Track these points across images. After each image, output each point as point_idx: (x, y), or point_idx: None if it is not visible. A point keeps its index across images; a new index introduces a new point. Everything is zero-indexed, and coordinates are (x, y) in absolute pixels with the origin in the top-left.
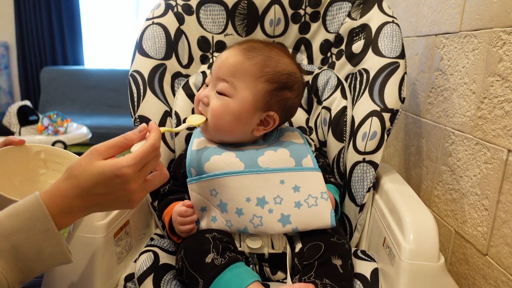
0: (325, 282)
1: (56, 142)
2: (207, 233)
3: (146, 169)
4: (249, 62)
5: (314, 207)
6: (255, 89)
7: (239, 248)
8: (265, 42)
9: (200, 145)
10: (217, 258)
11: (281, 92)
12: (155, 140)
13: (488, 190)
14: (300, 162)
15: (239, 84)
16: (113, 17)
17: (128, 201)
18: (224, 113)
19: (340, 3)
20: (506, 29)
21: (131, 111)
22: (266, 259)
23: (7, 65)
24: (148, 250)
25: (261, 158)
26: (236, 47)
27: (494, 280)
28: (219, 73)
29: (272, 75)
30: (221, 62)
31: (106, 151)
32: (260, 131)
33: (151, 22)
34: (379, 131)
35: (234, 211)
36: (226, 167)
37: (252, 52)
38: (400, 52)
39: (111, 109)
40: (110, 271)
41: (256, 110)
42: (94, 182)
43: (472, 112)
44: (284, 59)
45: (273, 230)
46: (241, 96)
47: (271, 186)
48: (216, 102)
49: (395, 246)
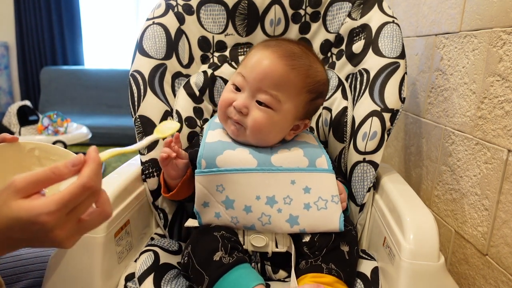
0: (331, 267)
1: (56, 142)
2: (215, 231)
3: (78, 212)
4: (293, 73)
5: (324, 210)
6: (298, 101)
7: (243, 245)
8: (302, 46)
9: (215, 138)
10: (225, 257)
11: (317, 100)
12: (87, 179)
13: (488, 190)
14: (314, 163)
15: (283, 97)
16: (113, 17)
17: (58, 245)
18: (268, 124)
19: (340, 3)
20: (506, 29)
21: (132, 111)
22: (268, 257)
23: (7, 65)
24: (149, 250)
25: (275, 156)
26: (276, 53)
27: (494, 280)
28: (262, 84)
29: (313, 85)
30: (264, 73)
31: (25, 187)
32: (291, 136)
33: (152, 22)
34: (379, 131)
35: (242, 208)
36: (239, 163)
37: (295, 61)
38: (400, 52)
39: (111, 109)
40: (111, 270)
41: (296, 119)
42: (9, 226)
43: (472, 112)
44: (320, 66)
45: (281, 230)
46: (285, 109)
47: (281, 186)
48: (258, 114)
49: (395, 246)
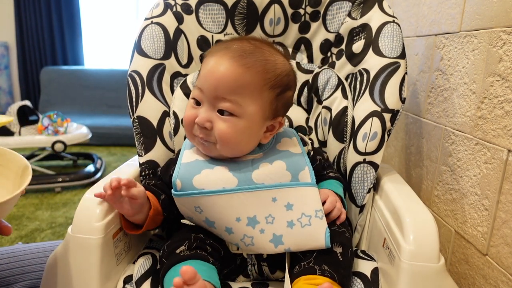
0: (324, 268)
1: (56, 142)
2: (194, 232)
3: None
4: (248, 73)
5: (308, 227)
6: (261, 101)
7: (237, 250)
8: (253, 41)
9: (192, 158)
10: (185, 252)
11: (284, 94)
12: None
13: (488, 190)
14: (297, 176)
15: (244, 101)
16: (113, 17)
17: None
18: (235, 134)
19: (340, 3)
20: (506, 29)
21: (130, 112)
22: (264, 258)
23: (7, 65)
24: (147, 253)
25: (256, 172)
26: (226, 55)
27: (494, 280)
28: (218, 92)
29: (275, 80)
30: (217, 79)
31: None
32: (268, 138)
33: (150, 21)
34: (380, 132)
35: (223, 229)
36: (219, 182)
37: (247, 59)
38: (400, 52)
39: (111, 109)
40: (109, 272)
41: (265, 120)
42: None
43: (472, 112)
44: (279, 57)
45: (265, 250)
46: (249, 112)
47: (262, 204)
48: (222, 126)
49: (395, 247)
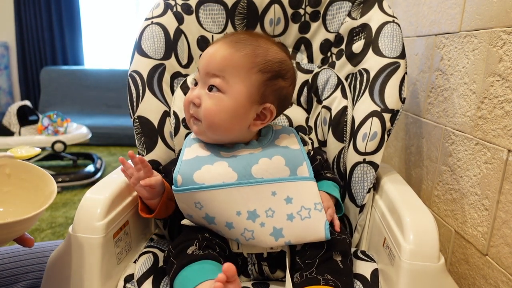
0: (327, 278)
1: (56, 142)
2: (199, 232)
3: None
4: (238, 53)
5: (307, 220)
6: (249, 81)
7: (237, 249)
8: (250, 32)
9: (192, 155)
10: (197, 252)
11: (275, 81)
12: None
13: (488, 190)
14: (295, 171)
15: (231, 78)
16: (113, 17)
17: None
18: (219, 111)
19: (340, 3)
20: (506, 29)
21: (130, 112)
22: (265, 258)
23: (7, 65)
24: (148, 252)
25: (255, 167)
26: (222, 41)
27: (494, 280)
28: (208, 68)
29: (264, 64)
30: (209, 57)
31: None
32: (258, 126)
33: (150, 22)
34: (380, 132)
35: (223, 224)
36: (218, 177)
37: (239, 44)
38: (400, 52)
39: (111, 109)
40: (110, 271)
41: (252, 103)
42: None
43: (472, 112)
44: (273, 47)
45: (266, 244)
46: (234, 90)
47: (262, 198)
48: (208, 102)
49: (395, 246)
